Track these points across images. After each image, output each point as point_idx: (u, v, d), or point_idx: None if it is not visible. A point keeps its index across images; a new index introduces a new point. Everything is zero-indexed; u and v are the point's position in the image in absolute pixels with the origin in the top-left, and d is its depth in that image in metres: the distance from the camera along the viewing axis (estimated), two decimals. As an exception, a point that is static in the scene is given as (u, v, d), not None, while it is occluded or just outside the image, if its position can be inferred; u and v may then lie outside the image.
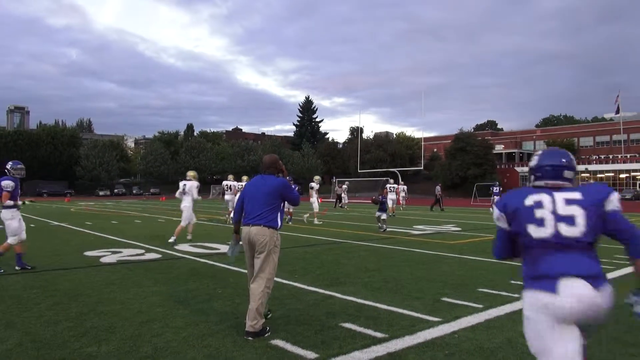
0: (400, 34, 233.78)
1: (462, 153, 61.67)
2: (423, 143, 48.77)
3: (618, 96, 64.73)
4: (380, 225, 13.37)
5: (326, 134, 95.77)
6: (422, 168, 52.26)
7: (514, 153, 75.43)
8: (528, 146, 79.76)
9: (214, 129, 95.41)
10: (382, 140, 75.64)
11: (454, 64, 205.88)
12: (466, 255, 8.55)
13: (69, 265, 7.47)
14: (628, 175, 58.57)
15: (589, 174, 60.80)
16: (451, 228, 14.43)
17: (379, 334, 3.96)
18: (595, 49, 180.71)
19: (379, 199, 13.73)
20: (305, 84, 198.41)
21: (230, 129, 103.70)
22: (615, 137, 69.88)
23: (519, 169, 67.95)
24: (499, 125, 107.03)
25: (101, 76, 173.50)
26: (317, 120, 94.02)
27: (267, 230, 4.11)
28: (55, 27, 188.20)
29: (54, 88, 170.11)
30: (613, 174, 60.12)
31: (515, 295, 5.15)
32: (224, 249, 9.16)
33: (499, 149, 73.85)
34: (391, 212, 20.16)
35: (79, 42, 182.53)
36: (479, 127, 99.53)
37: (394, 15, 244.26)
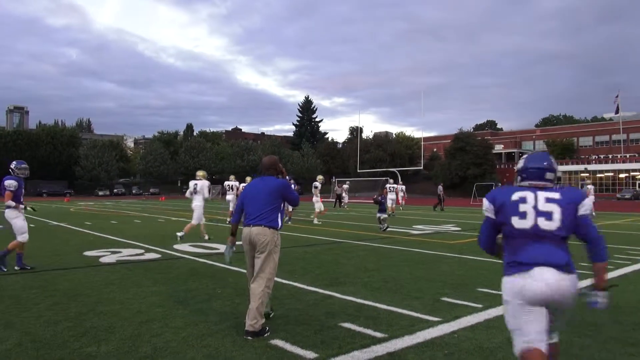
0: (400, 34, 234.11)
1: (462, 153, 61.70)
2: (423, 143, 48.80)
3: (617, 96, 64.82)
4: (380, 225, 13.43)
5: (326, 133, 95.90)
6: (422, 168, 52.30)
7: (514, 153, 75.41)
8: (528, 146, 79.77)
9: (213, 129, 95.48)
10: (382, 140, 75.65)
11: (454, 64, 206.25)
12: (466, 255, 8.55)
13: (69, 265, 7.46)
14: (627, 175, 58.59)
15: (588, 174, 60.81)
16: (451, 228, 14.43)
17: (378, 334, 3.96)
18: (595, 49, 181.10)
19: (379, 199, 13.81)
20: (304, 84, 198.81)
21: (229, 128, 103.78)
22: (614, 137, 69.91)
23: (518, 169, 67.87)
24: (499, 125, 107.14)
25: (101, 76, 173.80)
26: (317, 120, 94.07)
27: (268, 230, 4.14)
28: (54, 27, 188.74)
29: (54, 88, 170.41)
30: (612, 174, 60.13)
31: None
32: (224, 249, 9.14)
33: (498, 148, 73.89)
34: (391, 212, 20.20)
35: (79, 42, 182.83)
36: (478, 127, 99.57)
37: (394, 15, 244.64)
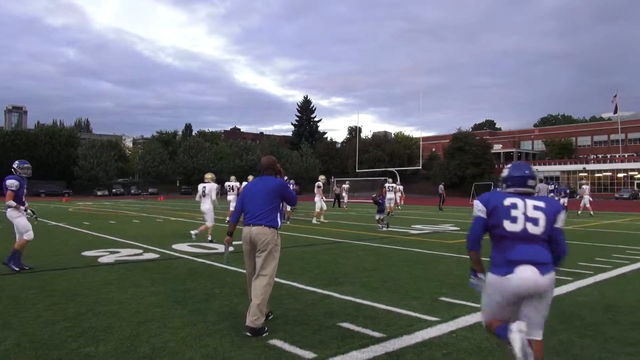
0: (399, 34, 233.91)
1: (461, 153, 61.73)
2: (421, 143, 48.78)
3: (615, 96, 64.94)
4: (379, 225, 13.49)
5: (324, 133, 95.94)
6: (421, 167, 52.36)
7: (512, 152, 75.49)
8: (526, 146, 79.85)
9: (212, 129, 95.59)
10: (381, 139, 75.66)
11: (454, 64, 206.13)
12: (464, 255, 8.55)
13: (67, 265, 7.45)
14: (626, 174, 58.67)
15: (586, 174, 60.89)
16: (449, 227, 14.44)
17: (377, 334, 3.96)
18: (593, 49, 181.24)
19: (378, 200, 13.85)
20: (303, 84, 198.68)
21: (228, 128, 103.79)
22: (613, 137, 70.00)
23: (517, 169, 67.92)
24: (497, 125, 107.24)
25: (99, 76, 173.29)
26: (316, 120, 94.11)
27: (268, 229, 4.17)
28: (53, 27, 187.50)
29: (53, 88, 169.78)
30: (611, 174, 60.22)
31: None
32: (222, 249, 9.14)
33: (497, 148, 73.92)
34: (391, 212, 20.24)
35: (78, 42, 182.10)
36: (477, 127, 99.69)
37: (394, 15, 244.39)
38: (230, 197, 16.05)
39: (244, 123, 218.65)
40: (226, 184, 16.60)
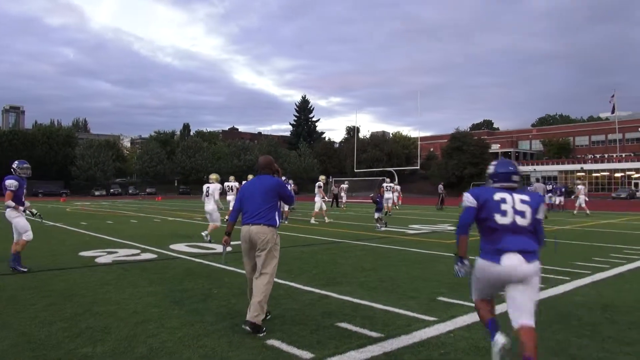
0: (397, 33, 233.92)
1: (459, 152, 61.81)
2: (419, 142, 48.79)
3: (613, 96, 65.08)
4: (378, 225, 13.58)
5: (323, 133, 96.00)
6: (419, 167, 52.39)
7: (510, 152, 75.59)
8: (524, 145, 79.99)
9: (210, 129, 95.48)
10: (379, 139, 75.74)
11: (452, 64, 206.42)
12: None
13: (64, 265, 7.43)
14: (623, 174, 58.80)
15: (584, 173, 61.01)
16: (447, 227, 14.45)
17: (374, 334, 3.96)
18: (591, 49, 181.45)
19: (376, 199, 14.09)
20: (301, 84, 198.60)
21: (226, 128, 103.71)
22: (610, 137, 70.18)
23: (515, 169, 68.00)
24: (495, 125, 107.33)
25: (97, 75, 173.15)
26: (314, 119, 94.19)
27: (267, 228, 4.20)
28: (52, 27, 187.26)
29: (50, 88, 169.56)
30: (608, 173, 60.34)
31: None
32: (220, 249, 9.13)
33: (495, 148, 74.00)
34: (388, 211, 20.28)
35: (76, 42, 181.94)
36: (475, 127, 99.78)
37: (392, 15, 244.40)
38: (230, 197, 16.06)
39: (242, 123, 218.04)
40: (225, 184, 16.61)
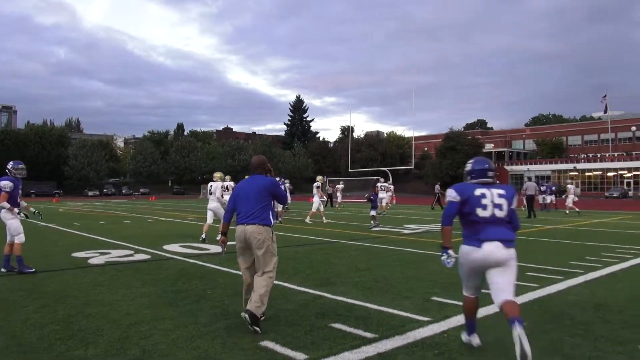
0: (392, 33, 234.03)
1: (453, 152, 62.06)
2: (413, 142, 48.98)
3: (605, 96, 65.51)
4: (372, 222, 13.82)
5: (317, 133, 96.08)
6: (413, 167, 52.57)
7: (504, 152, 75.94)
8: (517, 145, 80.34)
9: (204, 129, 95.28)
10: (373, 139, 75.81)
11: (446, 64, 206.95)
12: (456, 254, 8.57)
13: (57, 266, 7.38)
14: (615, 173, 59.23)
15: (577, 172, 61.38)
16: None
17: (369, 334, 3.95)
18: (584, 49, 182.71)
19: (371, 197, 14.44)
20: (295, 83, 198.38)
21: (220, 128, 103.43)
22: (603, 136, 70.64)
23: (508, 168, 68.45)
24: (489, 124, 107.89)
25: (90, 75, 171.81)
26: (308, 119, 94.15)
27: (262, 228, 4.22)
28: (43, 25, 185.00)
29: (43, 87, 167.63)
30: (601, 173, 60.75)
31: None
32: (214, 249, 9.12)
33: (488, 147, 74.33)
34: (383, 211, 20.34)
35: (68, 41, 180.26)
36: (469, 126, 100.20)
37: (387, 15, 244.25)
38: (227, 197, 16.02)
39: (236, 123, 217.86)
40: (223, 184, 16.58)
